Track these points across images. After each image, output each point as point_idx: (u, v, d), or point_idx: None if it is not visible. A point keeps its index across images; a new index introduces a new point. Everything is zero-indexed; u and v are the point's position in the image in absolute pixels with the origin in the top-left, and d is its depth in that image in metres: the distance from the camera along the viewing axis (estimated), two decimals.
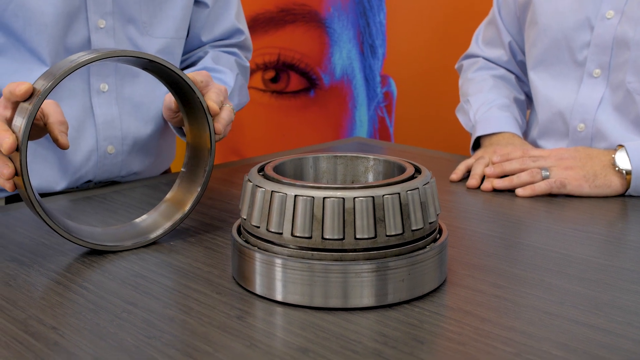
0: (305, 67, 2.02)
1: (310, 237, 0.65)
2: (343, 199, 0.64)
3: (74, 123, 1.07)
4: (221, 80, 1.14)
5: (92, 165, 1.10)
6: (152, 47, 1.11)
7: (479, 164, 1.11)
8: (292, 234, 0.65)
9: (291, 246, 0.66)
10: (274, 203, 0.66)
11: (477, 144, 1.26)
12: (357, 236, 0.65)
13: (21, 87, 0.72)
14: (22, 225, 0.89)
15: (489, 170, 1.08)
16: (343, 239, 0.65)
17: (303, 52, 2.02)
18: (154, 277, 0.74)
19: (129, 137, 1.12)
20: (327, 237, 0.65)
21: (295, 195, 0.65)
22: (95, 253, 0.80)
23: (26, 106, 0.73)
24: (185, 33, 1.17)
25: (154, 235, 0.83)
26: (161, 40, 1.12)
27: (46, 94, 0.72)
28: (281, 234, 0.66)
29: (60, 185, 1.09)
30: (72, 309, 0.66)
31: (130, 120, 1.12)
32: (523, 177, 1.05)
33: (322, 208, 0.64)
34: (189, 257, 0.79)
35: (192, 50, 1.24)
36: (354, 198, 0.64)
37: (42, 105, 0.81)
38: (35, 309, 0.66)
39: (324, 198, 0.64)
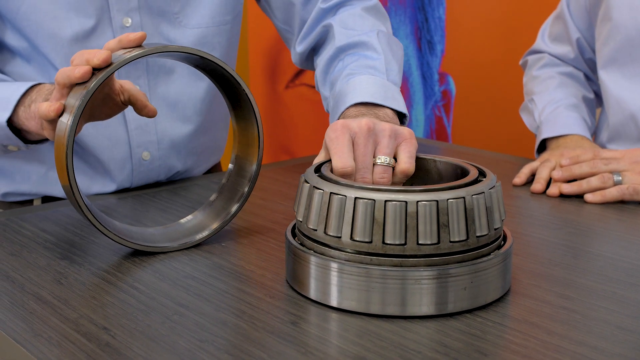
0: None
1: (370, 242, 0.63)
2: (405, 202, 0.62)
3: (104, 131, 1.01)
4: (369, 58, 0.99)
5: (127, 174, 1.05)
6: (187, 39, 1.04)
7: (544, 167, 1.06)
8: (351, 238, 0.63)
9: (349, 250, 0.64)
10: (333, 206, 0.64)
11: (543, 146, 1.21)
12: (420, 242, 0.62)
13: (80, 69, 0.72)
14: (73, 223, 0.89)
15: (557, 174, 1.03)
16: (405, 244, 0.62)
17: None
18: (205, 278, 0.72)
19: (165, 140, 1.06)
20: (389, 242, 0.62)
21: (356, 198, 0.63)
22: (144, 252, 0.79)
23: (81, 88, 0.72)
24: (228, 18, 1.08)
25: (199, 236, 0.81)
26: (196, 30, 1.05)
27: (101, 81, 0.72)
28: (340, 237, 0.64)
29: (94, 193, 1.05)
30: (123, 309, 0.66)
31: (166, 122, 1.06)
32: (593, 182, 1.00)
33: (384, 211, 0.62)
34: (241, 259, 0.78)
35: (300, 32, 1.09)
36: (417, 202, 0.62)
37: (119, 81, 0.81)
38: (86, 308, 0.66)
39: (385, 201, 0.62)
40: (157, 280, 0.72)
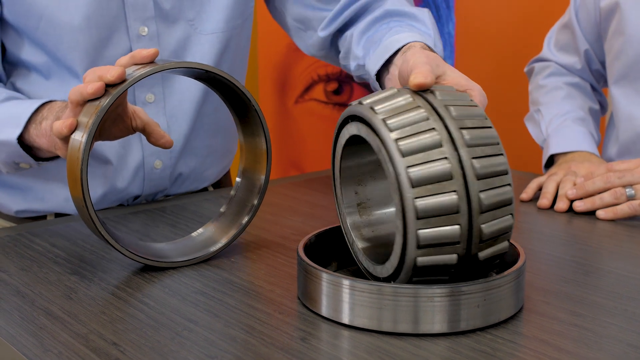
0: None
1: None
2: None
3: (119, 141, 1.01)
4: (418, 29, 0.96)
5: (138, 183, 1.05)
6: (202, 46, 1.03)
7: (551, 181, 1.05)
8: None
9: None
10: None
11: (551, 160, 1.20)
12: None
13: (93, 85, 0.71)
14: (84, 238, 0.89)
15: (571, 193, 1.01)
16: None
17: None
18: (214, 294, 0.72)
19: (176, 149, 1.05)
20: None
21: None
22: (154, 268, 0.79)
23: (95, 104, 0.72)
24: (239, 22, 1.07)
25: (214, 248, 0.81)
26: (210, 36, 1.03)
27: (115, 97, 0.71)
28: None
29: (104, 204, 1.04)
30: (133, 324, 0.65)
31: (179, 131, 1.06)
32: (606, 198, 0.98)
33: None
34: (250, 274, 0.78)
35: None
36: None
37: (131, 106, 0.81)
38: (96, 323, 0.66)
39: None
40: (167, 296, 0.72)
